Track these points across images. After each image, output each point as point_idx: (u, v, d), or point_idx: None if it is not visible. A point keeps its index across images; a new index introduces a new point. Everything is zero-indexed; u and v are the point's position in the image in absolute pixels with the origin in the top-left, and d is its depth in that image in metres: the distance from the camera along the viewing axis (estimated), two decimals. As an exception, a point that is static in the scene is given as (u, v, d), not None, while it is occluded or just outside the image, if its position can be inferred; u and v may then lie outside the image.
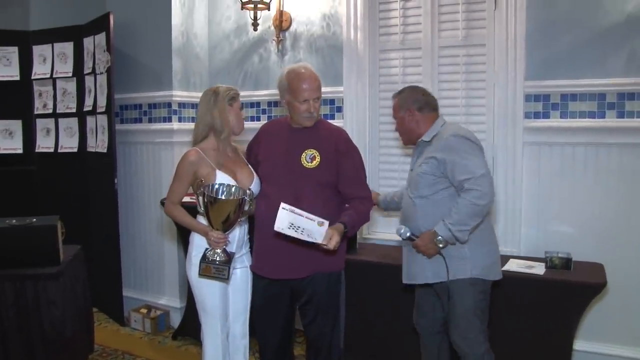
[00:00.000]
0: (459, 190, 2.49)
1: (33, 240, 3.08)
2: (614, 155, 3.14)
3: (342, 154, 2.57)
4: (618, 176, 3.13)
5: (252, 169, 2.70)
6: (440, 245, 2.50)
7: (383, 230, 3.74)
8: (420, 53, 3.61)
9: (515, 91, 3.31)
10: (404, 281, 2.75)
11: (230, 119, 2.58)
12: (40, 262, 3.07)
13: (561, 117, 3.25)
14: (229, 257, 2.51)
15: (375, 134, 3.76)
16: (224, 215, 2.43)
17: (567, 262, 3.00)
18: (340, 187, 2.58)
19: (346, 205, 2.63)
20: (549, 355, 2.93)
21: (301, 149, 2.56)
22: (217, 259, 2.48)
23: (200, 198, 2.45)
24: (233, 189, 2.48)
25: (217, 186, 2.47)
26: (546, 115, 3.28)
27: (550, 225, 3.30)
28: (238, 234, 2.67)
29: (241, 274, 2.75)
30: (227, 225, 2.48)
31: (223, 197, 2.45)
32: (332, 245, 2.37)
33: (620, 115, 3.11)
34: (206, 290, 2.63)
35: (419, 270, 2.63)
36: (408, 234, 2.61)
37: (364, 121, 3.73)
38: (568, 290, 2.86)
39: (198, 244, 2.62)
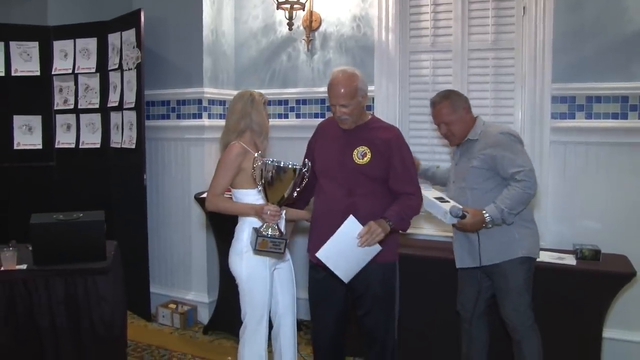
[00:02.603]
0: (510, 181, 2.72)
1: (81, 235, 3.06)
2: (636, 154, 3.34)
3: (393, 151, 2.64)
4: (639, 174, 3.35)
5: None
6: (490, 226, 2.75)
7: (420, 225, 3.89)
8: (451, 55, 3.75)
9: (542, 93, 3.49)
10: (471, 265, 2.92)
11: (266, 122, 2.77)
12: (87, 257, 3.06)
13: (586, 118, 3.44)
14: (282, 234, 2.54)
15: (404, 133, 3.85)
16: (287, 186, 2.45)
17: (596, 254, 3.20)
18: (390, 182, 2.66)
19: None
20: (581, 341, 3.11)
21: (353, 146, 2.65)
22: (272, 233, 2.48)
23: (259, 172, 2.44)
24: (289, 164, 2.47)
25: (271, 161, 2.45)
26: (572, 116, 3.47)
27: (574, 220, 3.48)
28: (284, 225, 2.74)
29: (285, 267, 2.84)
30: (284, 199, 2.50)
31: (289, 166, 2.44)
32: (365, 230, 2.45)
33: (642, 116, 3.34)
34: (258, 286, 2.69)
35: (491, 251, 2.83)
36: (461, 213, 2.75)
37: (394, 121, 3.82)
38: (601, 280, 3.05)
39: (247, 239, 2.67)
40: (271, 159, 2.46)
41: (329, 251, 2.49)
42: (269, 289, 2.73)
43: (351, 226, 2.46)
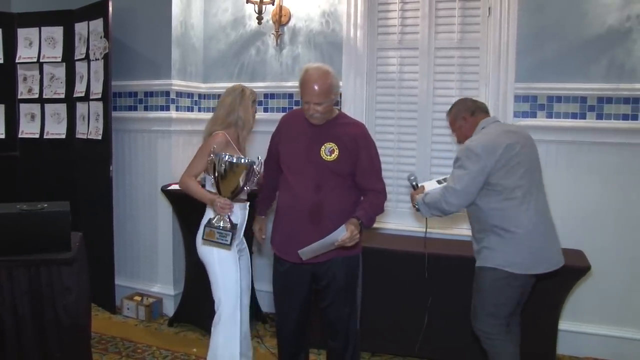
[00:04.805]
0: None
1: (45, 226, 3.02)
2: (593, 152, 3.48)
3: (360, 148, 2.67)
4: (597, 172, 3.48)
5: None
6: (416, 206, 2.89)
7: (393, 220, 3.96)
8: (417, 53, 3.83)
9: (505, 92, 3.59)
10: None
11: (250, 118, 2.90)
12: (51, 248, 3.01)
13: (547, 117, 3.56)
14: (232, 225, 2.64)
15: (371, 130, 3.91)
16: (238, 180, 2.57)
17: (554, 249, 3.32)
18: (357, 178, 2.69)
19: (362, 197, 2.75)
20: (537, 334, 3.23)
21: (321, 142, 2.67)
22: (222, 225, 2.61)
23: (212, 166, 2.57)
24: (242, 159, 2.62)
25: (227, 156, 2.58)
26: (533, 115, 3.58)
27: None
28: (241, 217, 2.84)
29: (244, 253, 3.01)
30: (235, 192, 2.61)
31: (242, 161, 2.58)
32: (348, 235, 2.48)
33: (599, 117, 3.46)
34: (230, 267, 2.81)
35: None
36: (415, 183, 3.01)
37: (361, 117, 3.88)
38: (557, 273, 3.16)
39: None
40: (225, 154, 2.57)
41: (309, 249, 2.56)
42: (239, 272, 2.85)
43: (338, 232, 2.50)
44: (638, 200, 3.44)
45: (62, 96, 4.29)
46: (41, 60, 4.29)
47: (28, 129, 4.35)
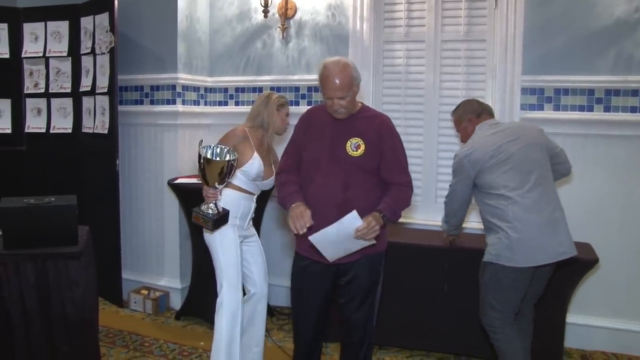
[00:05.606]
0: None
1: (52, 219, 3.02)
2: (600, 145, 3.47)
3: (384, 140, 2.58)
4: (603, 164, 3.48)
5: (273, 169, 3.09)
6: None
7: (419, 215, 3.93)
8: (424, 46, 3.82)
9: (512, 84, 3.58)
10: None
11: (276, 121, 3.07)
12: (58, 242, 3.02)
13: (554, 110, 3.54)
14: (219, 212, 2.71)
15: (377, 122, 3.93)
16: (218, 172, 2.62)
17: (561, 242, 3.31)
18: (381, 172, 2.60)
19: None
20: (544, 327, 3.22)
21: (346, 137, 2.58)
22: (209, 212, 2.69)
23: (198, 159, 2.64)
24: (225, 149, 2.67)
25: (209, 149, 2.65)
26: (540, 108, 3.57)
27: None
28: (243, 207, 3.01)
29: (253, 241, 3.17)
30: (221, 179, 2.65)
31: (217, 159, 2.64)
32: (364, 225, 2.37)
33: (607, 109, 3.45)
34: (231, 248, 2.94)
35: None
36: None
37: (368, 110, 3.89)
38: (566, 266, 3.15)
39: None
40: (207, 146, 2.64)
41: (322, 237, 2.45)
42: (240, 255, 2.98)
43: (352, 220, 2.40)
44: (646, 193, 3.43)
45: (68, 90, 4.30)
46: (47, 55, 4.29)
47: (34, 124, 4.36)
